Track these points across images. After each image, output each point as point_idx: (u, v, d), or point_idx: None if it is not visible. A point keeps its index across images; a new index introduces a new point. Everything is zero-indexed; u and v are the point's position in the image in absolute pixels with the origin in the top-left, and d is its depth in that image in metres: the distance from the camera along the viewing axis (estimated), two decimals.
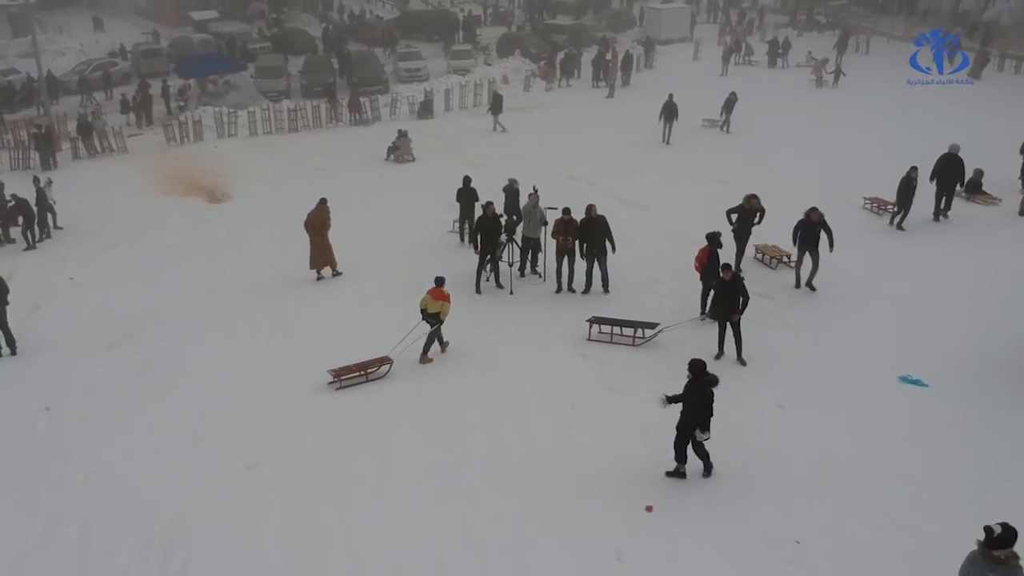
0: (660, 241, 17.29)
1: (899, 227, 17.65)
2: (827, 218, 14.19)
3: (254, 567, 8.68)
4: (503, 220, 15.63)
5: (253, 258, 17.71)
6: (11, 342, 13.99)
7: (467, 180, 17.81)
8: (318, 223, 15.82)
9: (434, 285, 12.67)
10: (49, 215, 20.50)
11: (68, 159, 27.57)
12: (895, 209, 17.79)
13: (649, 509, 9.17)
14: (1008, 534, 6.42)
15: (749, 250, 15.73)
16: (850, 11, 44.23)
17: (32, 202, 19.99)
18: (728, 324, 12.20)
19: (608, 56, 35.34)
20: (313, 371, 12.65)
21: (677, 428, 9.57)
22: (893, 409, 10.98)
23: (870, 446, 10.18)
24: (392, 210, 20.47)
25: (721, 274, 12.30)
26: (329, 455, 10.54)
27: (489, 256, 15.09)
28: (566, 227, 14.73)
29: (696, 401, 9.25)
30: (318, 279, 16.22)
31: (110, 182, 24.89)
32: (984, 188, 19.45)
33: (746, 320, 12.63)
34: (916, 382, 11.52)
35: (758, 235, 15.61)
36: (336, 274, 16.36)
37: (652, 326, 13.11)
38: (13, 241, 19.91)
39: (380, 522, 9.25)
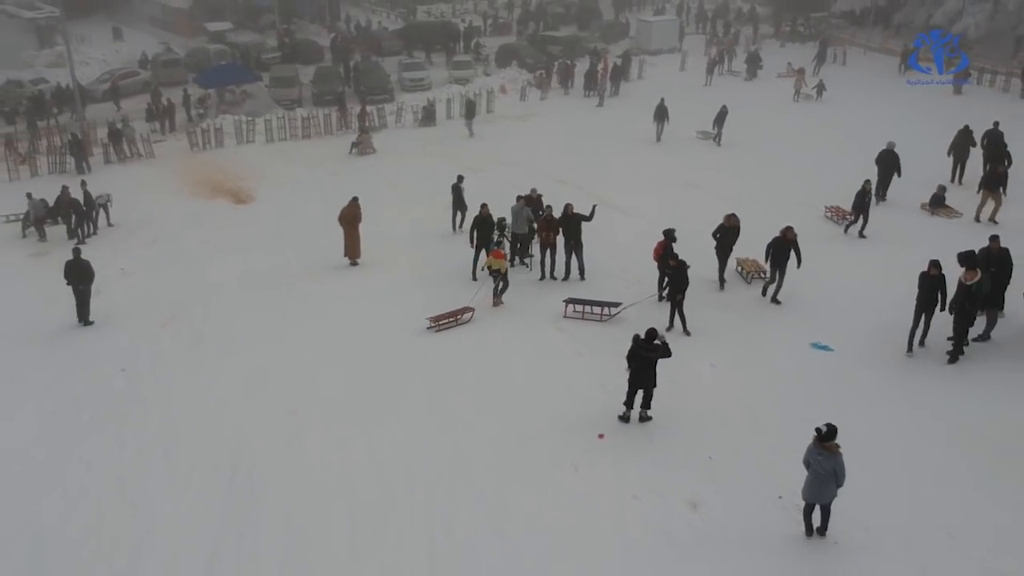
0: (633, 237, 20.06)
1: (860, 235, 19.86)
2: (806, 229, 16.67)
3: (301, 476, 11.68)
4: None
5: (280, 252, 20.73)
6: (85, 314, 17.12)
7: (459, 179, 21.32)
8: (351, 217, 19.03)
9: (495, 248, 17.23)
10: (103, 213, 23.65)
11: (100, 163, 30.50)
12: (851, 218, 20.27)
13: (601, 437, 12.19)
14: (830, 430, 9.41)
15: (731, 263, 17.69)
16: (830, 23, 47.29)
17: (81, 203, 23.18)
18: (675, 303, 15.24)
19: (600, 68, 38.35)
20: (338, 339, 15.72)
21: (629, 382, 12.53)
22: (802, 368, 14.01)
23: (779, 394, 13.19)
24: (397, 209, 23.47)
25: (671, 263, 15.34)
26: (355, 402, 13.56)
27: (484, 249, 18.10)
28: (548, 224, 17.79)
29: (640, 362, 12.20)
30: (352, 265, 19.34)
31: (142, 185, 27.74)
32: (947, 203, 21.53)
33: (695, 302, 15.67)
34: (824, 347, 14.56)
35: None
36: (353, 264, 19.41)
37: (616, 305, 16.16)
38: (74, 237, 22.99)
39: (396, 447, 12.26)
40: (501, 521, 10.62)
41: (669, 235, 16.42)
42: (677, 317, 15.40)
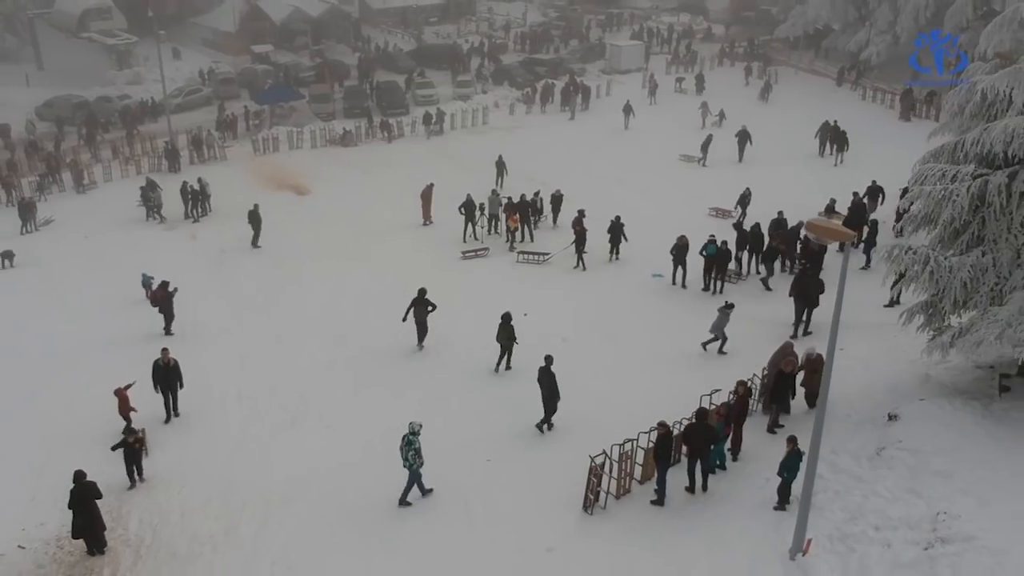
0: (571, 215, 32.33)
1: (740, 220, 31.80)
2: (688, 221, 28.79)
3: (369, 331, 23.97)
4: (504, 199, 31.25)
5: (338, 225, 33.20)
6: (256, 239, 30.54)
7: (500, 157, 35.95)
8: (428, 195, 32.19)
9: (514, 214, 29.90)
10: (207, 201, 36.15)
11: (187, 164, 42.98)
12: (739, 211, 32.33)
13: (525, 315, 24.48)
14: (730, 305, 21.62)
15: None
16: (771, 46, 59.58)
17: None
18: (581, 250, 27.60)
19: (572, 87, 50.61)
20: (388, 268, 28.08)
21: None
22: (641, 283, 26.31)
23: (623, 293, 25.42)
24: (416, 197, 35.84)
25: (579, 228, 27.70)
26: (397, 296, 25.88)
27: (469, 222, 30.54)
28: (512, 208, 30.18)
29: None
30: (426, 224, 32.37)
31: (223, 181, 39.78)
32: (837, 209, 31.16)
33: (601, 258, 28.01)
34: (659, 275, 26.88)
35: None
36: (427, 224, 32.43)
37: (546, 254, 28.63)
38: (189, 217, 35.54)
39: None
40: (475, 333, 22.91)
41: (581, 212, 28.74)
42: (583, 262, 27.88)
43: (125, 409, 18.74)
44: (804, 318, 22.57)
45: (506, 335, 21.49)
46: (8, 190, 38.55)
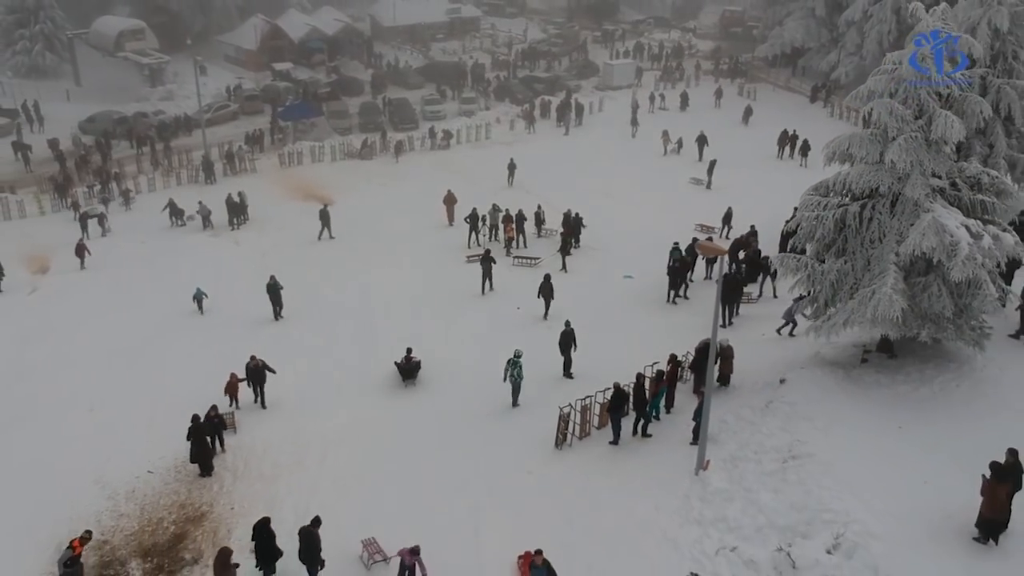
0: (560, 225, 39.21)
1: (727, 237, 38.68)
2: (677, 237, 35.67)
3: (393, 313, 30.87)
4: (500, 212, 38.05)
5: (362, 232, 40.08)
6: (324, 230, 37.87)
7: (511, 159, 42.28)
8: (450, 200, 39.60)
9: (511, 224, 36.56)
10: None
11: (220, 176, 49.90)
12: (722, 227, 39.03)
13: (518, 308, 31.33)
14: (802, 296, 28.44)
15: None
16: (752, 64, 66.38)
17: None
18: (565, 255, 34.44)
19: (567, 104, 57.43)
20: (404, 270, 35.02)
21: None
22: (614, 282, 33.14)
23: (599, 289, 32.28)
24: (429, 206, 42.52)
25: (564, 231, 34.55)
26: (415, 286, 32.84)
27: (473, 230, 37.44)
28: (510, 220, 37.05)
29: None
30: (449, 226, 39.50)
31: (255, 191, 46.87)
32: None
33: (582, 261, 34.87)
34: (629, 276, 33.69)
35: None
36: (450, 225, 39.57)
37: (537, 258, 35.48)
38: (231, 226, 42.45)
39: (436, 302, 31.53)
40: (476, 323, 29.83)
41: (567, 219, 35.62)
42: (567, 263, 34.77)
43: (233, 390, 25.51)
44: (726, 313, 29.28)
45: (548, 290, 29.92)
46: (73, 204, 44.95)
